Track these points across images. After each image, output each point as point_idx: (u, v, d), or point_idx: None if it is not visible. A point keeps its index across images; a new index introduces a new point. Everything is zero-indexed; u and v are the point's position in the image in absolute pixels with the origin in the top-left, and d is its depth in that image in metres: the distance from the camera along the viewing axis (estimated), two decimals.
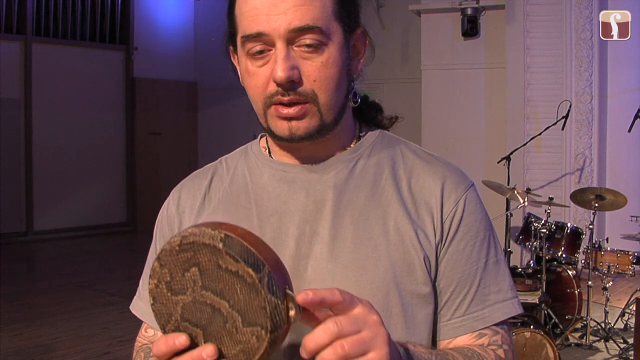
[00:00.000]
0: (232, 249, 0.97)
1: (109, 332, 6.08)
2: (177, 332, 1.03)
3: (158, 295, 1.05)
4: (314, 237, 1.24)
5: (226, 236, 0.98)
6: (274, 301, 0.97)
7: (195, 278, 1.01)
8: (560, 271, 6.03)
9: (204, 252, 0.99)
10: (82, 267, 9.27)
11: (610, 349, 5.73)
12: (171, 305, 1.04)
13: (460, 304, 1.26)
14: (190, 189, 1.38)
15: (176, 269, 1.02)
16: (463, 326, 1.26)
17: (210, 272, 1.00)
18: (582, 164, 8.48)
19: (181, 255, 1.01)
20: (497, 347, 1.26)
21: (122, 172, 12.17)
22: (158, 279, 1.04)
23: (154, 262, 1.03)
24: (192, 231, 1.00)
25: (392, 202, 1.26)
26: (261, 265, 0.97)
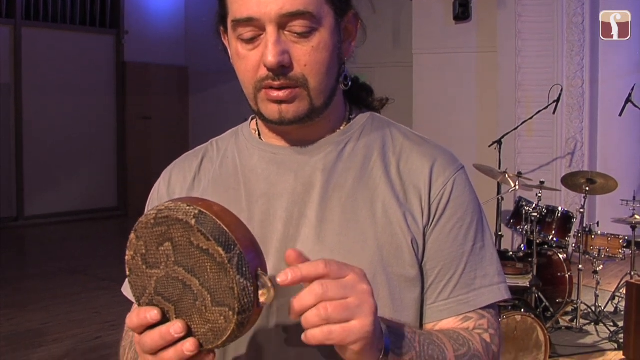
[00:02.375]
0: (204, 226, 0.96)
1: (100, 316, 6.08)
2: (151, 305, 1.03)
3: (134, 267, 1.04)
4: (301, 219, 1.23)
5: (200, 213, 0.97)
6: (242, 282, 0.96)
7: (168, 253, 1.00)
8: (551, 255, 6.05)
9: (177, 227, 0.98)
10: (73, 251, 9.26)
11: (600, 332, 5.76)
12: (146, 279, 1.04)
13: (445, 287, 1.25)
14: (180, 170, 1.38)
15: (151, 242, 1.01)
16: (448, 309, 1.25)
17: (183, 248, 0.99)
18: (573, 148, 8.49)
19: (156, 228, 1.00)
20: (482, 332, 1.25)
21: (113, 156, 12.14)
22: (134, 251, 1.03)
23: (131, 233, 1.03)
24: (168, 205, 1.00)
25: (380, 185, 1.25)
26: (232, 245, 0.96)
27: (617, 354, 5.35)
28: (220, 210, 1.00)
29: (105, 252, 8.93)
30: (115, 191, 12.16)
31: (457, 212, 1.26)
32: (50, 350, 5.41)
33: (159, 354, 1.02)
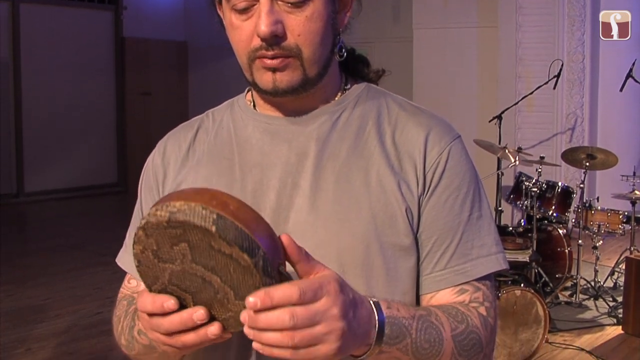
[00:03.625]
0: (226, 232, 0.93)
1: (100, 292, 6.10)
2: (165, 293, 1.02)
3: (144, 260, 1.02)
4: (295, 189, 1.23)
5: (219, 217, 0.93)
6: (268, 281, 0.95)
7: (184, 252, 0.98)
8: (550, 230, 6.05)
9: (195, 232, 0.95)
10: (73, 228, 9.27)
11: (599, 307, 5.78)
12: (158, 271, 1.02)
13: (441, 257, 1.24)
14: (175, 141, 1.37)
15: (164, 242, 0.98)
16: (444, 280, 1.24)
17: (202, 250, 0.96)
18: (574, 124, 8.48)
19: (169, 230, 0.96)
20: (478, 305, 1.24)
21: (112, 132, 12.12)
22: (144, 247, 1.00)
23: (138, 229, 0.99)
24: (181, 208, 0.95)
25: (374, 154, 1.24)
26: (256, 248, 0.94)
27: (616, 329, 5.38)
28: (237, 209, 0.96)
29: (105, 228, 8.93)
30: (115, 167, 12.16)
31: (452, 182, 1.25)
32: (51, 326, 5.43)
33: (175, 335, 1.02)
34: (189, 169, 1.31)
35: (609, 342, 5.16)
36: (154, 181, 1.35)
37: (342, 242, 1.18)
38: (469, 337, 1.19)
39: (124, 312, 1.31)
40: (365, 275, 1.20)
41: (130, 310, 1.29)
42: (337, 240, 1.18)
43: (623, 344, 5.13)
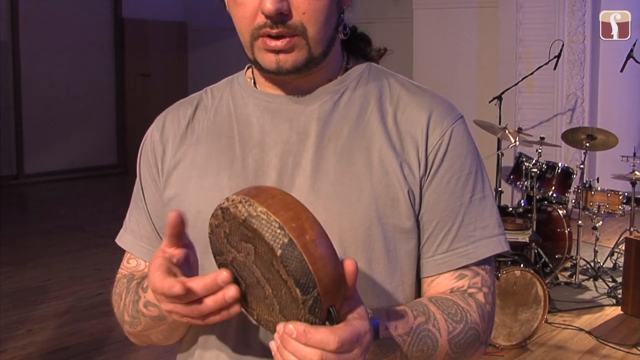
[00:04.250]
0: (289, 262, 0.91)
1: (101, 273, 6.11)
2: (225, 268, 1.02)
3: (216, 233, 1.01)
4: (296, 169, 1.21)
5: (289, 244, 0.91)
6: (311, 319, 0.94)
7: (249, 252, 0.97)
8: (550, 211, 6.06)
9: (262, 244, 0.93)
10: (73, 209, 9.27)
11: (599, 288, 5.80)
12: (225, 249, 1.01)
13: (444, 239, 1.23)
14: (174, 117, 1.35)
15: (235, 232, 0.97)
16: (446, 262, 1.23)
17: (264, 261, 0.95)
18: (574, 104, 8.46)
19: (242, 228, 0.95)
20: (476, 291, 1.23)
21: (112, 113, 12.10)
22: (219, 223, 0.99)
23: (218, 207, 0.98)
24: (260, 215, 0.93)
25: (376, 135, 1.22)
26: (311, 288, 0.92)
27: (616, 309, 5.39)
28: (312, 241, 0.93)
29: (105, 209, 8.93)
30: (115, 148, 12.14)
31: (454, 163, 1.23)
32: (51, 307, 5.45)
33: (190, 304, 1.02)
34: (188, 147, 1.29)
35: (608, 323, 5.18)
36: (152, 157, 1.33)
37: (343, 223, 1.17)
38: (466, 335, 1.19)
39: (125, 288, 1.30)
40: (366, 257, 1.19)
41: (132, 285, 1.28)
42: (338, 221, 1.17)
43: (622, 324, 5.14)
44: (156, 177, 1.31)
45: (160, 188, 1.30)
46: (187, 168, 1.27)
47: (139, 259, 1.35)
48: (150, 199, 1.33)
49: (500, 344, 4.55)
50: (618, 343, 4.76)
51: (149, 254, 1.33)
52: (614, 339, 4.82)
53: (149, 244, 1.34)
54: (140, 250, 1.35)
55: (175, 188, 1.27)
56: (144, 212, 1.34)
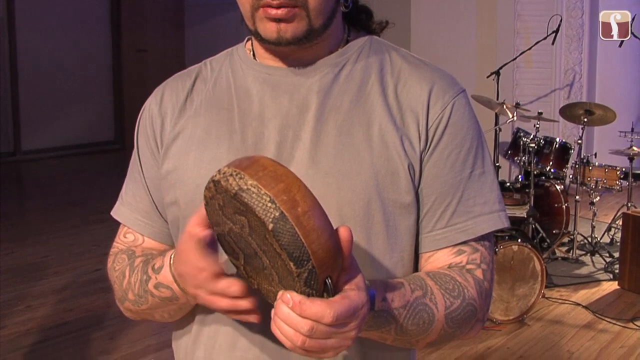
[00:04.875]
0: (281, 235, 0.90)
1: (99, 249, 6.12)
2: (224, 240, 1.04)
3: (211, 204, 1.00)
4: (296, 142, 1.20)
5: (281, 217, 0.90)
6: (307, 291, 0.94)
7: (244, 224, 0.96)
8: (548, 186, 6.06)
9: (254, 218, 0.92)
10: (71, 185, 9.27)
11: (596, 263, 5.82)
12: (221, 220, 1.00)
13: (442, 215, 1.22)
14: (173, 89, 1.33)
15: (228, 205, 0.96)
16: (445, 238, 1.22)
17: (258, 234, 0.94)
18: (572, 79, 8.44)
19: (234, 202, 0.94)
20: (475, 267, 1.22)
21: (109, 90, 12.05)
22: (212, 196, 0.98)
23: (209, 182, 0.97)
24: (251, 189, 0.92)
25: (377, 108, 1.21)
26: (305, 261, 0.91)
27: (612, 284, 5.41)
28: (304, 213, 0.92)
29: (103, 185, 8.92)
30: (112, 124, 12.10)
31: (455, 138, 1.21)
32: (50, 284, 5.46)
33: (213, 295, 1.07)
34: (187, 119, 1.28)
35: (605, 297, 5.20)
36: (151, 130, 1.31)
37: (343, 196, 1.16)
38: (464, 311, 1.18)
39: (128, 265, 1.29)
40: (366, 231, 1.18)
41: (136, 264, 1.27)
42: (337, 195, 1.16)
43: (619, 299, 5.17)
44: (154, 150, 1.30)
45: (158, 161, 1.29)
46: (186, 141, 1.26)
47: (137, 232, 1.35)
48: (149, 172, 1.32)
49: (497, 319, 4.57)
50: (615, 318, 4.78)
51: (146, 227, 1.33)
52: (610, 314, 4.85)
53: (147, 217, 1.33)
54: (138, 224, 1.34)
55: (173, 161, 1.26)
56: (142, 185, 1.33)
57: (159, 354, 4.17)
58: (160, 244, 1.33)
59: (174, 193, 1.24)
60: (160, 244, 1.33)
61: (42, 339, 4.45)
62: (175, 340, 1.35)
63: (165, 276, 1.17)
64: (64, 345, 4.38)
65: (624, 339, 4.49)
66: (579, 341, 4.45)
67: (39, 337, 4.49)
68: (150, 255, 1.27)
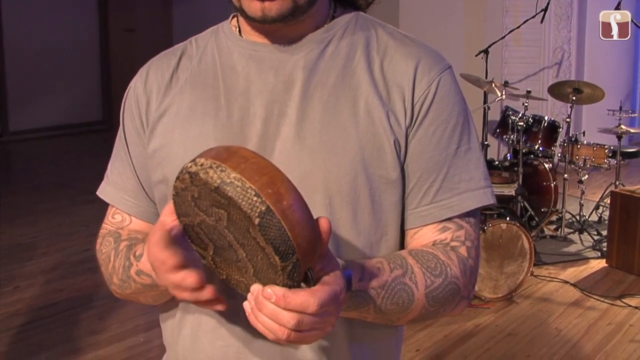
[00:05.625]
0: (267, 230, 0.88)
1: (88, 229, 6.11)
2: (192, 231, 1.01)
3: (182, 195, 0.97)
4: (281, 118, 1.19)
5: (267, 212, 0.88)
6: (289, 284, 0.93)
7: (221, 217, 0.93)
8: (536, 164, 6.08)
9: (238, 212, 0.90)
10: (59, 166, 9.23)
11: (584, 241, 5.84)
12: (191, 211, 0.98)
13: (427, 191, 1.21)
14: (158, 68, 1.32)
15: (206, 197, 0.93)
16: (430, 214, 1.21)
17: (238, 228, 0.92)
18: (561, 58, 8.44)
19: (214, 195, 0.91)
20: (459, 244, 1.22)
21: (97, 69, 11.99)
22: (185, 187, 0.95)
23: (185, 171, 0.94)
24: (234, 182, 0.89)
25: (363, 84, 1.20)
26: (290, 254, 0.90)
27: (600, 262, 5.45)
28: (289, 206, 0.90)
29: (91, 165, 8.86)
30: (100, 105, 12.05)
31: (441, 114, 1.21)
32: (39, 264, 5.45)
33: None
34: (172, 97, 1.27)
35: (593, 275, 5.23)
36: (136, 109, 1.30)
37: (329, 172, 1.16)
38: (445, 289, 1.18)
39: (113, 249, 1.29)
40: (352, 208, 1.18)
41: (121, 248, 1.27)
42: (323, 171, 1.15)
43: (607, 277, 5.20)
44: (140, 129, 1.29)
45: (144, 140, 1.28)
46: (172, 118, 1.25)
47: (124, 213, 1.34)
48: (135, 152, 1.31)
49: (486, 297, 4.59)
50: (602, 295, 4.82)
51: (133, 207, 1.33)
52: (598, 291, 4.88)
53: (134, 197, 1.33)
54: (125, 203, 1.34)
55: (160, 139, 1.25)
56: (128, 165, 1.32)
57: (148, 333, 4.17)
58: (149, 225, 1.32)
59: (161, 171, 1.24)
60: (148, 224, 1.33)
61: (31, 320, 4.45)
62: (162, 322, 1.35)
63: (145, 264, 1.17)
64: (53, 325, 4.38)
65: (611, 316, 4.52)
66: (567, 318, 4.48)
67: (28, 317, 4.49)
68: (135, 239, 1.27)
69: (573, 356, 4.01)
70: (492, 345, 4.13)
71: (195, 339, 1.26)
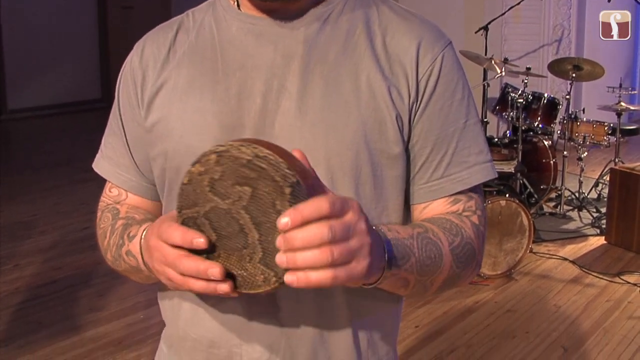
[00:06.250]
0: (297, 200, 0.90)
1: (87, 207, 6.11)
2: (193, 223, 0.99)
3: (195, 182, 0.97)
4: (281, 92, 1.17)
5: (297, 184, 0.90)
6: None
7: (242, 195, 0.93)
8: (536, 141, 6.07)
9: (268, 183, 0.91)
10: (58, 144, 9.22)
11: (583, 218, 5.85)
12: (202, 199, 0.97)
13: (438, 166, 1.21)
14: (154, 42, 1.30)
15: (230, 176, 0.94)
16: (441, 189, 1.21)
17: (261, 203, 0.92)
18: (561, 35, 8.41)
19: (243, 170, 0.92)
20: (471, 214, 1.23)
21: (94, 47, 11.94)
22: (205, 170, 0.96)
23: (210, 152, 0.95)
24: (268, 157, 0.91)
25: (364, 58, 1.19)
26: None
27: (599, 239, 5.45)
28: (312, 185, 0.94)
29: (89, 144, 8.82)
30: (98, 83, 12.01)
31: (447, 89, 1.20)
32: (38, 242, 5.46)
33: (185, 276, 1.00)
34: (170, 71, 1.25)
35: (591, 252, 5.24)
36: (132, 83, 1.29)
37: (331, 147, 1.15)
38: (465, 248, 1.18)
39: (110, 226, 1.29)
40: (354, 182, 1.17)
41: (117, 226, 1.27)
42: (325, 146, 1.15)
43: (605, 254, 5.21)
44: (135, 105, 1.28)
45: (140, 115, 1.27)
46: (169, 92, 1.23)
47: (120, 187, 1.34)
48: (129, 127, 1.30)
49: (485, 274, 4.59)
50: (601, 272, 4.83)
51: (127, 182, 1.32)
52: (597, 268, 4.89)
53: (127, 172, 1.32)
54: (118, 177, 1.33)
55: (157, 113, 1.24)
56: (122, 140, 1.31)
57: (148, 310, 4.19)
58: (144, 200, 1.32)
59: (160, 145, 1.23)
60: (144, 199, 1.32)
61: (31, 298, 4.46)
62: (161, 299, 1.35)
63: (135, 246, 1.17)
64: (53, 303, 4.39)
65: (610, 293, 4.53)
66: (566, 295, 4.49)
67: (27, 295, 4.50)
68: (132, 219, 1.26)
69: (572, 332, 4.02)
70: (492, 321, 4.14)
71: (196, 313, 1.25)
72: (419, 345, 3.89)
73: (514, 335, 3.98)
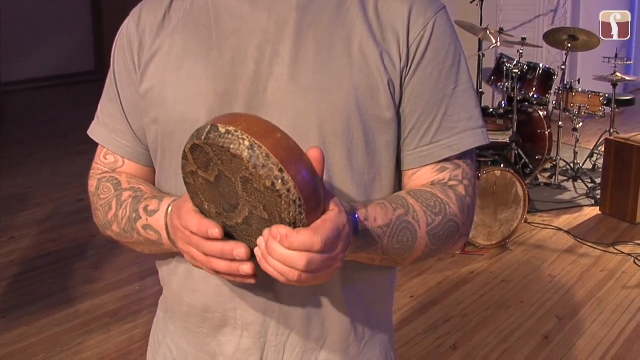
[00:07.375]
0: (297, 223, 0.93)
1: (81, 179, 6.06)
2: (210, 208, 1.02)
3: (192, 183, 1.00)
4: (274, 58, 1.17)
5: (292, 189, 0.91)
6: None
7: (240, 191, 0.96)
8: (531, 112, 6.07)
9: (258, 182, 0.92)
10: (52, 116, 9.20)
11: (578, 189, 5.87)
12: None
13: (427, 131, 1.21)
14: (150, 8, 1.29)
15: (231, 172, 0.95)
16: (429, 155, 1.21)
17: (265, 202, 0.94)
18: (556, 5, 8.38)
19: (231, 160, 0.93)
20: (457, 183, 1.22)
21: (88, 19, 11.88)
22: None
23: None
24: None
25: (357, 24, 1.19)
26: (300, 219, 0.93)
27: (594, 210, 5.47)
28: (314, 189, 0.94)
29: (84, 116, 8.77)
30: (92, 55, 11.97)
31: (438, 55, 1.20)
32: (33, 214, 5.46)
33: (209, 257, 1.02)
34: (164, 37, 1.25)
35: (586, 223, 5.26)
36: (129, 49, 1.28)
37: (323, 113, 1.15)
38: (445, 227, 1.18)
39: (115, 198, 1.28)
40: (347, 148, 1.17)
41: (124, 199, 1.26)
42: (317, 111, 1.14)
43: (600, 224, 5.23)
44: (131, 70, 1.27)
45: (136, 81, 1.27)
46: (164, 59, 1.23)
47: (115, 154, 1.33)
48: (125, 93, 1.29)
49: (480, 244, 4.61)
50: (596, 242, 4.84)
51: (123, 148, 1.31)
52: (591, 239, 4.91)
53: (123, 138, 1.31)
54: (115, 144, 1.32)
55: (152, 80, 1.23)
56: (118, 106, 1.31)
57: (143, 282, 4.19)
58: (140, 166, 1.32)
59: (154, 111, 1.22)
60: (140, 165, 1.32)
61: (26, 270, 4.47)
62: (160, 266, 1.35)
63: (158, 221, 1.17)
64: (48, 275, 4.40)
65: (604, 263, 4.55)
66: (560, 265, 4.51)
67: (23, 267, 4.50)
68: (139, 190, 1.26)
69: (566, 302, 4.04)
70: (486, 291, 4.16)
71: (190, 276, 1.25)
72: (414, 315, 3.91)
73: (509, 305, 4.00)
